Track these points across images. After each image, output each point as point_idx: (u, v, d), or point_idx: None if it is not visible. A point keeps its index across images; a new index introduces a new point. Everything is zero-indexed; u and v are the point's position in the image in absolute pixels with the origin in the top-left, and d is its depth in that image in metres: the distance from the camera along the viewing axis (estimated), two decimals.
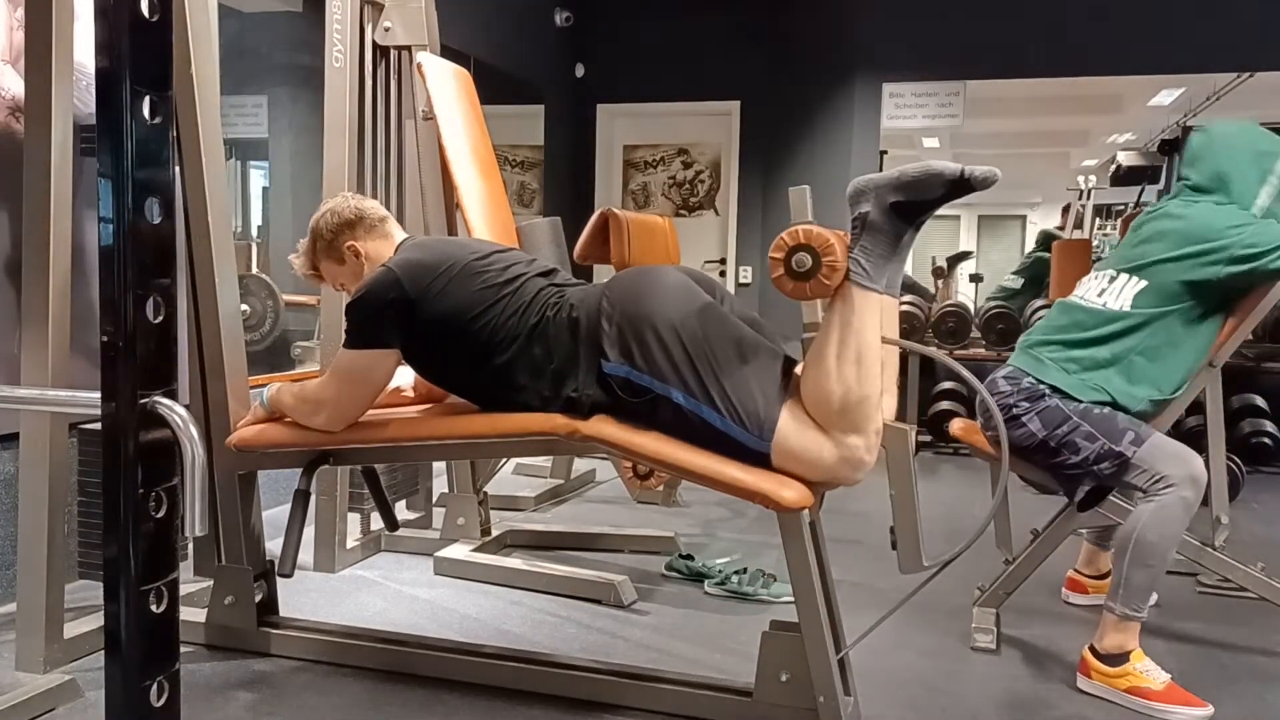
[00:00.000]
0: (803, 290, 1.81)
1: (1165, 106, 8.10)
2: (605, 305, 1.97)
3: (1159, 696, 2.18)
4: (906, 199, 1.77)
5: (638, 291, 1.97)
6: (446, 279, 2.09)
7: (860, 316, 1.80)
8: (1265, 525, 3.90)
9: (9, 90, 2.57)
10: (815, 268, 1.80)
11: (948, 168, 1.73)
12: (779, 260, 1.82)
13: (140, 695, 1.01)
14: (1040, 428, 2.35)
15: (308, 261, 2.35)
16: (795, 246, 1.81)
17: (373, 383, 2.17)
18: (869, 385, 1.81)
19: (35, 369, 2.16)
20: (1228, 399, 5.01)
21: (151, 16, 0.98)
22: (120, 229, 0.98)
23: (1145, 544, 2.21)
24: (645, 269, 2.11)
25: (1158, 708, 2.17)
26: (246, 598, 2.39)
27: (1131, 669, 2.22)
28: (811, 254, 1.80)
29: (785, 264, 1.82)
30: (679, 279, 2.01)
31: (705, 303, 1.96)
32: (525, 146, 6.65)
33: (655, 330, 1.90)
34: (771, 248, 1.83)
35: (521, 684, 2.20)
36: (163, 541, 1.02)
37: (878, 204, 1.78)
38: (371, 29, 3.18)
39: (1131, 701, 2.20)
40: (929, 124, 6.08)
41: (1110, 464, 2.29)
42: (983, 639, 2.55)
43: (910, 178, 1.76)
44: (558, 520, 3.79)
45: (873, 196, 1.79)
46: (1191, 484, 2.22)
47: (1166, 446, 2.28)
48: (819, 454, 1.83)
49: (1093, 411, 2.34)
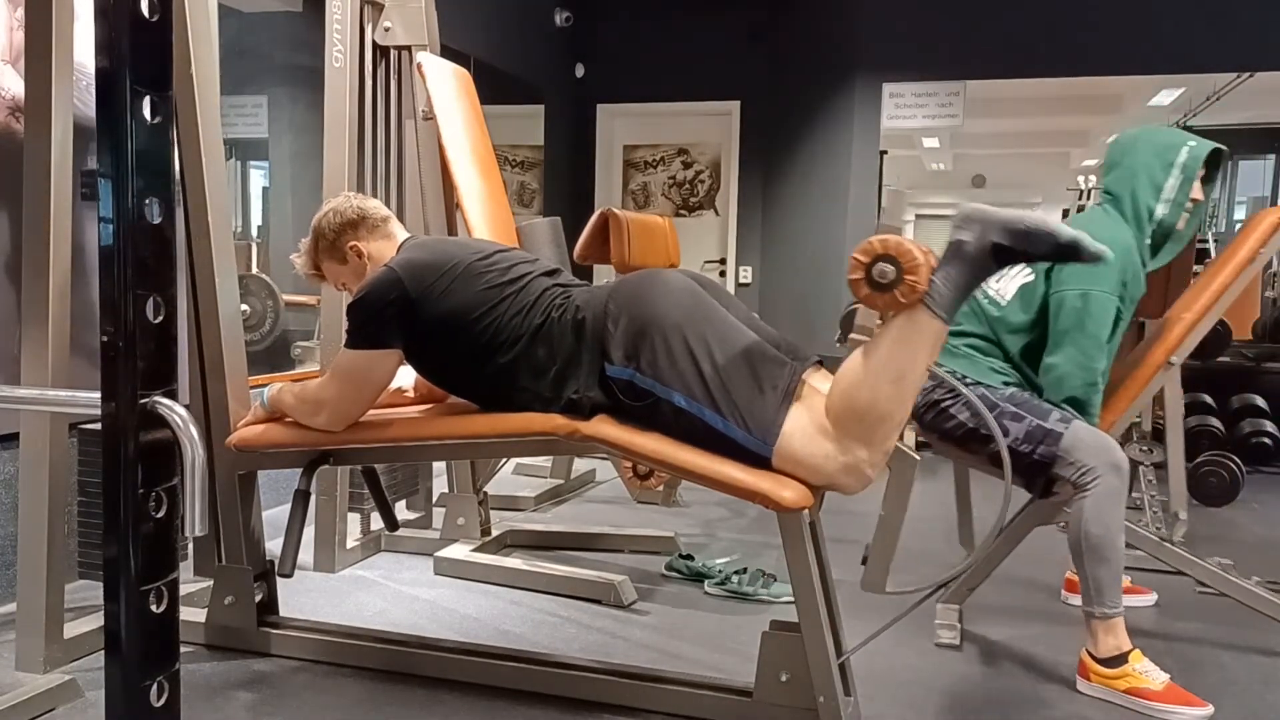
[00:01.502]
0: (875, 300, 1.76)
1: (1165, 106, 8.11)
2: (611, 307, 1.97)
3: (1159, 697, 2.18)
4: (1011, 245, 1.73)
5: (644, 294, 1.97)
6: (449, 279, 2.09)
7: (919, 340, 1.78)
8: (1265, 525, 3.90)
9: (9, 90, 2.57)
10: (896, 282, 1.73)
11: (1064, 232, 1.70)
12: (861, 264, 1.76)
13: (140, 695, 1.01)
14: (969, 417, 2.37)
15: (310, 261, 2.35)
16: (882, 256, 1.74)
17: (374, 383, 2.17)
18: (898, 408, 1.80)
19: (35, 369, 2.16)
20: (1228, 399, 5.03)
21: (151, 16, 0.98)
22: (120, 229, 0.98)
23: (1093, 539, 2.23)
24: (652, 272, 2.11)
25: (1157, 708, 2.17)
26: (246, 598, 2.39)
27: (1130, 670, 2.22)
28: (896, 267, 1.73)
29: (866, 270, 1.75)
30: (685, 283, 2.01)
31: (711, 307, 1.96)
32: (525, 146, 6.65)
33: (660, 333, 1.90)
34: (857, 249, 1.76)
35: (521, 684, 2.20)
36: (163, 541, 1.02)
37: (980, 238, 1.74)
38: (371, 29, 3.18)
39: (1131, 702, 2.20)
40: (929, 124, 6.08)
41: (1046, 445, 2.28)
42: (946, 635, 2.56)
43: (1025, 227, 1.72)
44: (558, 520, 3.79)
45: (978, 229, 1.74)
46: (1115, 471, 2.24)
47: (1086, 437, 2.28)
48: (822, 462, 1.82)
49: (1011, 393, 2.38)
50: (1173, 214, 2.42)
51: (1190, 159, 2.40)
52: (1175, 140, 2.44)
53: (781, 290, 6.63)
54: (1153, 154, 2.43)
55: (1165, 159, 2.42)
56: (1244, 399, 5.03)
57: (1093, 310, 2.32)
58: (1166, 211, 2.42)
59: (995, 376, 2.42)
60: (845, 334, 5.33)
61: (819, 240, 6.26)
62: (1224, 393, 5.05)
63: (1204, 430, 4.74)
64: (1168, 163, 2.41)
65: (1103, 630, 2.26)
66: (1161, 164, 2.42)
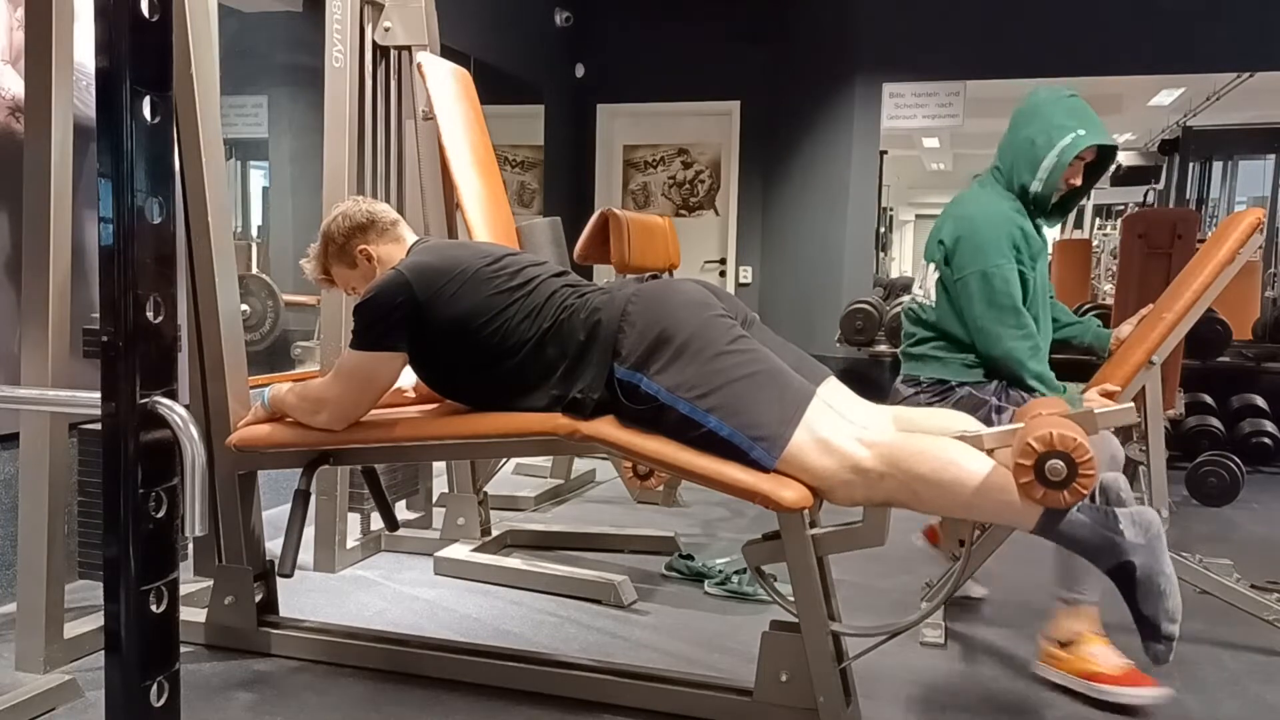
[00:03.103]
0: (1035, 492, 1.70)
1: (1165, 106, 8.11)
2: (630, 310, 1.97)
3: (1112, 679, 2.19)
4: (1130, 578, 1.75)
5: (662, 303, 1.97)
6: (458, 284, 2.09)
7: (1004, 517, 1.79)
8: (1265, 525, 3.90)
9: (9, 90, 2.57)
10: (1070, 477, 1.67)
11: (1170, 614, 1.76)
12: (1027, 467, 1.69)
13: (140, 695, 1.01)
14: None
15: (319, 266, 2.35)
16: (1050, 453, 1.68)
17: (377, 385, 2.17)
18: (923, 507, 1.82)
19: (35, 369, 2.16)
20: (1228, 399, 5.03)
21: (151, 16, 0.98)
22: (120, 229, 0.98)
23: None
24: (672, 281, 2.12)
25: (1110, 690, 2.18)
26: (246, 598, 2.39)
27: (1085, 653, 2.23)
28: (1068, 463, 1.67)
29: (1036, 471, 1.69)
30: (704, 297, 2.01)
31: (727, 324, 1.96)
32: (525, 146, 6.65)
33: (673, 342, 1.90)
34: (1019, 453, 1.69)
35: (521, 684, 2.20)
36: (163, 541, 1.02)
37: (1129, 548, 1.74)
38: (371, 29, 3.18)
39: (1087, 686, 2.21)
40: (929, 124, 6.08)
41: None
42: (930, 634, 2.56)
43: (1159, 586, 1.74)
44: (558, 520, 3.79)
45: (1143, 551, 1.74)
46: (1111, 463, 2.27)
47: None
48: (827, 482, 1.83)
49: (989, 386, 2.47)
50: (1046, 190, 2.51)
51: (1070, 147, 2.46)
52: (1067, 123, 2.48)
53: (781, 290, 6.63)
54: (1040, 130, 2.49)
55: (1050, 139, 2.47)
56: (1244, 399, 5.03)
57: (995, 284, 2.43)
58: (1040, 188, 2.50)
59: (971, 372, 2.48)
60: (845, 334, 5.34)
61: (819, 240, 6.27)
62: (1224, 393, 5.05)
63: (1204, 430, 4.74)
64: (1050, 142, 2.47)
65: (1065, 615, 2.29)
66: (1045, 142, 2.47)
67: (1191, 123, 7.74)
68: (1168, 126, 8.25)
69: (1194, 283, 2.53)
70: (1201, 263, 2.58)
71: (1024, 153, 2.50)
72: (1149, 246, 3.99)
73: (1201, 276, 2.51)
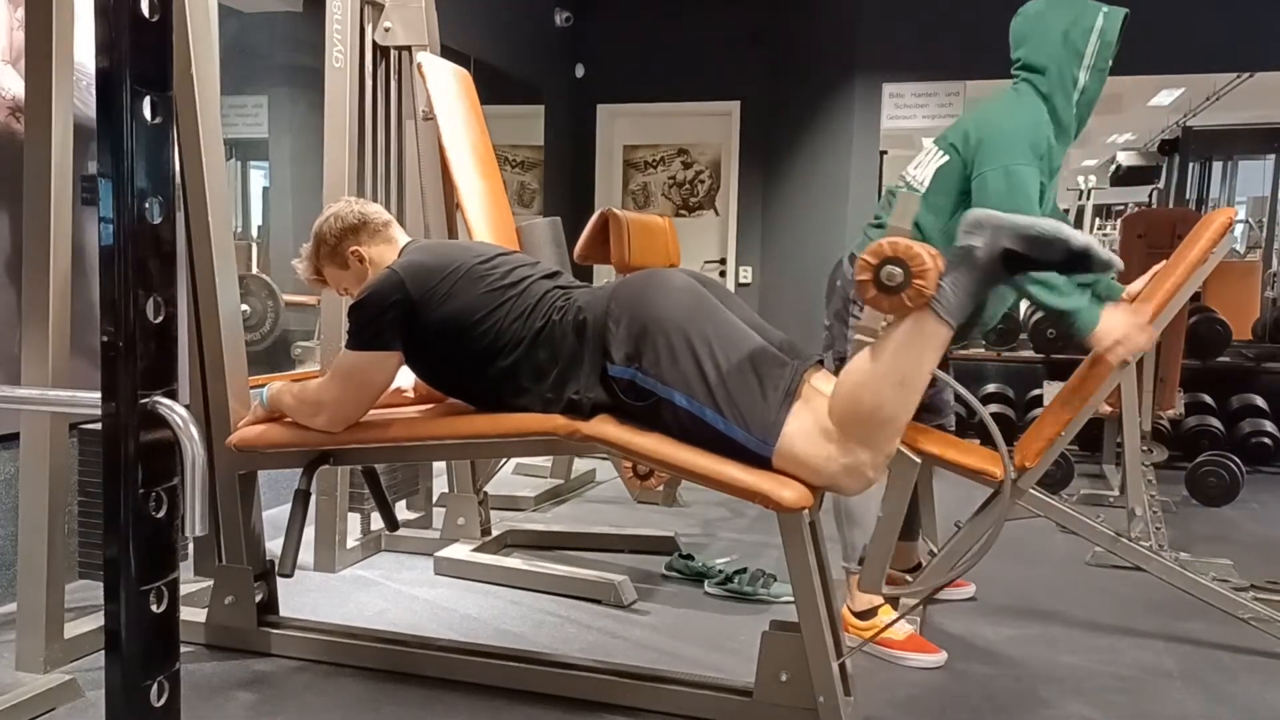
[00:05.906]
0: (882, 303, 1.76)
1: (1165, 106, 8.10)
2: (613, 307, 1.97)
3: (899, 645, 2.41)
4: (1022, 251, 1.70)
5: (646, 294, 1.97)
6: (451, 282, 2.09)
7: (924, 344, 1.77)
8: (1265, 525, 3.89)
9: (9, 90, 2.57)
10: (904, 285, 1.73)
11: (1075, 238, 1.68)
12: (869, 266, 1.76)
13: (140, 695, 1.01)
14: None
15: (311, 266, 2.35)
16: (891, 259, 1.74)
17: (374, 385, 2.17)
18: (901, 411, 1.80)
19: (35, 369, 2.16)
20: (1228, 399, 5.04)
21: (151, 16, 0.98)
22: (120, 229, 0.98)
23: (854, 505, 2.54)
24: (654, 272, 2.11)
25: (897, 655, 2.41)
26: (246, 598, 2.39)
27: (879, 622, 2.43)
28: (904, 270, 1.73)
29: (874, 273, 1.75)
30: (687, 283, 2.01)
31: (712, 307, 1.96)
32: (525, 146, 6.65)
33: (663, 333, 1.90)
34: (865, 250, 1.76)
35: (521, 684, 2.20)
36: (163, 541, 1.02)
37: (991, 244, 1.72)
38: (371, 29, 3.18)
39: (879, 651, 2.41)
40: (929, 124, 6.07)
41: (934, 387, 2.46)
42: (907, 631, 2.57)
43: (1037, 232, 1.69)
44: (558, 520, 3.79)
45: (989, 234, 1.73)
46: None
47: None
48: (823, 463, 1.82)
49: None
50: (1095, 81, 2.46)
51: (1107, 25, 2.43)
52: (1086, 7, 2.45)
53: (781, 290, 6.62)
54: (1070, 21, 2.44)
55: (1083, 25, 2.43)
56: (1244, 399, 5.03)
57: (1016, 184, 2.36)
58: (1089, 78, 2.45)
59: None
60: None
61: (819, 240, 6.26)
62: (1224, 393, 5.05)
63: (1204, 430, 4.75)
64: (1085, 28, 2.43)
65: (854, 586, 2.52)
66: (1080, 31, 2.43)
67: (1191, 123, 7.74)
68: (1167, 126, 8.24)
69: (1167, 283, 2.53)
70: (1174, 263, 2.59)
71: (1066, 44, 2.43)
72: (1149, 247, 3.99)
73: (1174, 277, 2.52)
